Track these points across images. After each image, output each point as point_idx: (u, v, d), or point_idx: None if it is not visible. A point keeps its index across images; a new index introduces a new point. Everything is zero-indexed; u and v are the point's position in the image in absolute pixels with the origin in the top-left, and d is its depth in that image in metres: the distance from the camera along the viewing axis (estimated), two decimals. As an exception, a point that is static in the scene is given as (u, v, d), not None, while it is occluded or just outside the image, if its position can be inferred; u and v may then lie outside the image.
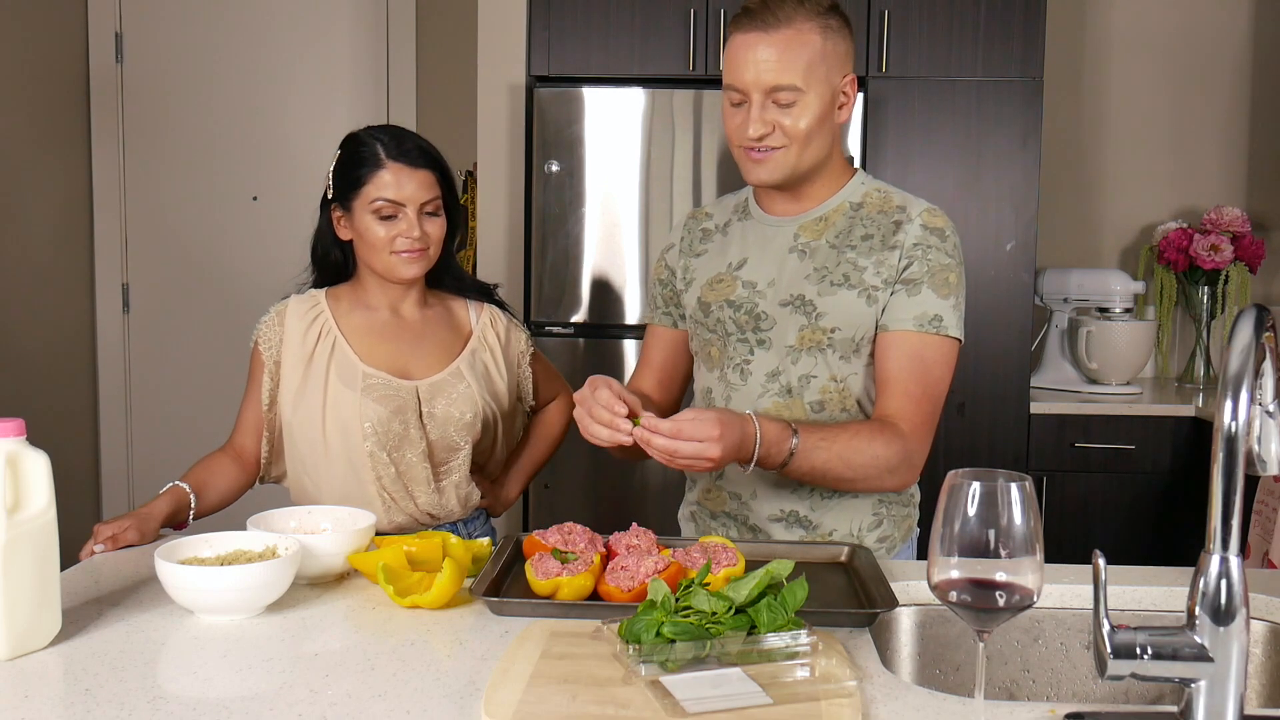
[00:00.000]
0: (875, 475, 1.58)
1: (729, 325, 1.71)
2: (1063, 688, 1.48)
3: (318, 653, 1.24)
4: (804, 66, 1.58)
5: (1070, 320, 3.45)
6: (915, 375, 1.62)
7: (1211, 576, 0.99)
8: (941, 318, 1.62)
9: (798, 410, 1.68)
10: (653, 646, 1.14)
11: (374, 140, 1.81)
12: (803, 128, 1.60)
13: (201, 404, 4.09)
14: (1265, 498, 2.71)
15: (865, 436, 1.56)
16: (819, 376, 1.67)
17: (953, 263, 1.65)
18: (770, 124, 1.60)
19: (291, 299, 1.88)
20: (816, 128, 1.61)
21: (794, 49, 1.57)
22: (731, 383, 1.72)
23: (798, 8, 1.58)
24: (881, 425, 1.59)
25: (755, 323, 1.69)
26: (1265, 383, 1.08)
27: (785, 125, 1.60)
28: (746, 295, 1.70)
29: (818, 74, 1.59)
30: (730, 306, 1.71)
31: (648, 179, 3.09)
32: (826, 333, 1.65)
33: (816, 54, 1.59)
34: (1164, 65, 3.68)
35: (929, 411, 1.62)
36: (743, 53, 1.59)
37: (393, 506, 1.82)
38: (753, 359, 1.70)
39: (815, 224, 1.69)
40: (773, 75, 1.58)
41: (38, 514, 1.23)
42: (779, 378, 1.69)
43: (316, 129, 4.02)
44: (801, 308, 1.66)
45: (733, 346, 1.72)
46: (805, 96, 1.59)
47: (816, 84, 1.59)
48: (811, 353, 1.67)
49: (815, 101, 1.60)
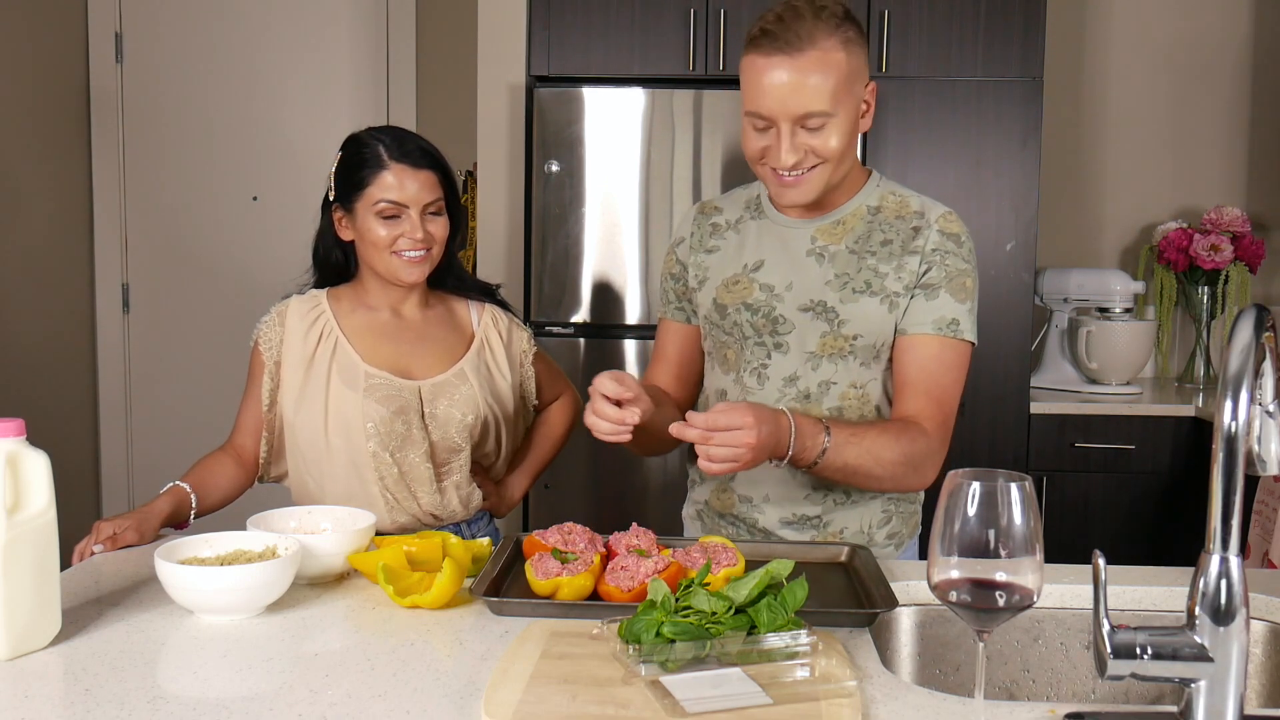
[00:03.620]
0: (902, 473, 1.57)
1: (746, 329, 1.70)
2: (1063, 688, 1.48)
3: (318, 653, 1.24)
4: (831, 90, 1.51)
5: (1070, 320, 3.45)
6: (935, 377, 1.63)
7: (1211, 576, 0.99)
8: (958, 322, 1.64)
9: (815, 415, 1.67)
10: (653, 646, 1.14)
11: (376, 141, 1.81)
12: (834, 146, 1.55)
13: (201, 404, 4.09)
14: (1265, 498, 2.71)
15: (893, 433, 1.56)
16: (839, 383, 1.67)
17: (969, 268, 1.65)
18: (802, 149, 1.55)
19: (292, 299, 1.88)
20: (848, 143, 1.58)
21: (821, 73, 1.51)
22: (748, 386, 1.71)
23: (817, 24, 1.51)
24: (906, 424, 1.59)
25: (773, 326, 1.68)
26: (1265, 383, 1.08)
27: (816, 146, 1.55)
28: (765, 299, 1.68)
29: (844, 93, 1.54)
30: (748, 309, 1.69)
31: (648, 179, 3.09)
32: (849, 340, 1.65)
33: (842, 74, 1.52)
34: (1164, 65, 3.68)
35: (948, 413, 1.63)
36: (765, 77, 1.52)
37: (395, 507, 1.82)
38: (770, 363, 1.69)
39: (833, 227, 1.67)
40: (801, 103, 1.51)
41: (38, 514, 1.23)
42: (797, 382, 1.68)
43: (316, 129, 4.02)
44: (824, 314, 1.65)
45: (750, 350, 1.70)
46: (834, 119, 1.54)
47: (844, 104, 1.54)
48: (833, 359, 1.66)
49: (844, 120, 1.55)
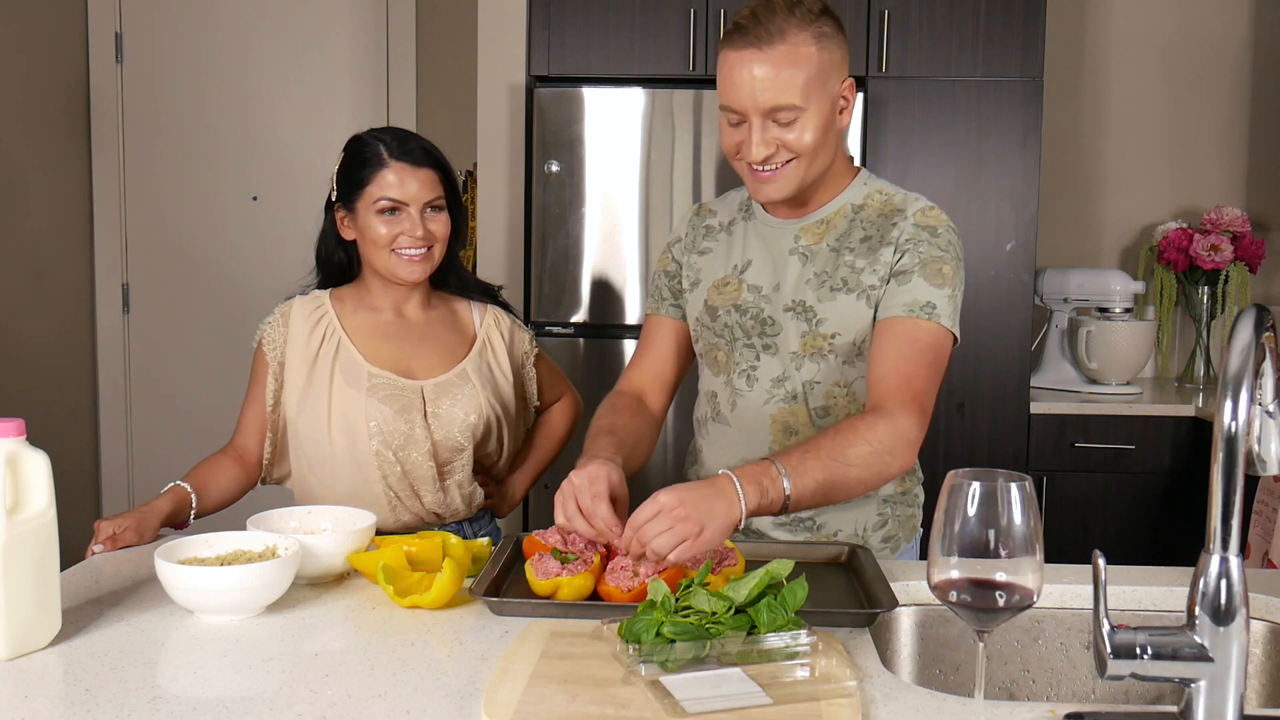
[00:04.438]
0: (877, 462, 1.46)
1: (736, 330, 1.70)
2: (1063, 688, 1.48)
3: (318, 653, 1.24)
4: (802, 84, 1.51)
5: (1070, 320, 3.45)
6: (904, 355, 1.54)
7: (1211, 576, 0.99)
8: (934, 305, 1.57)
9: (803, 416, 1.67)
10: (653, 646, 1.14)
11: (377, 141, 1.82)
12: (808, 141, 1.55)
13: (202, 404, 4.09)
14: (1265, 498, 2.70)
15: (847, 429, 1.47)
16: (823, 382, 1.66)
17: (946, 256, 1.60)
18: (773, 143, 1.55)
19: (295, 300, 1.88)
20: (821, 140, 1.57)
21: (790, 66, 1.51)
22: (738, 388, 1.71)
23: (789, 18, 1.52)
24: (859, 414, 1.54)
25: (761, 328, 1.68)
26: (1265, 383, 1.08)
27: (789, 141, 1.55)
28: (753, 300, 1.69)
29: (816, 88, 1.54)
30: (738, 311, 1.69)
31: (648, 179, 3.09)
32: (828, 339, 1.64)
33: (813, 69, 1.53)
34: (1164, 66, 3.68)
35: (919, 390, 1.52)
36: (737, 72, 1.53)
37: (399, 506, 1.83)
38: (759, 364, 1.69)
39: (816, 227, 1.67)
40: (770, 96, 1.52)
41: (38, 514, 1.23)
42: (785, 384, 1.68)
43: (316, 129, 4.02)
44: (803, 314, 1.65)
45: (739, 352, 1.70)
46: (805, 113, 1.54)
47: (816, 98, 1.54)
48: (814, 359, 1.65)
49: (816, 115, 1.55)
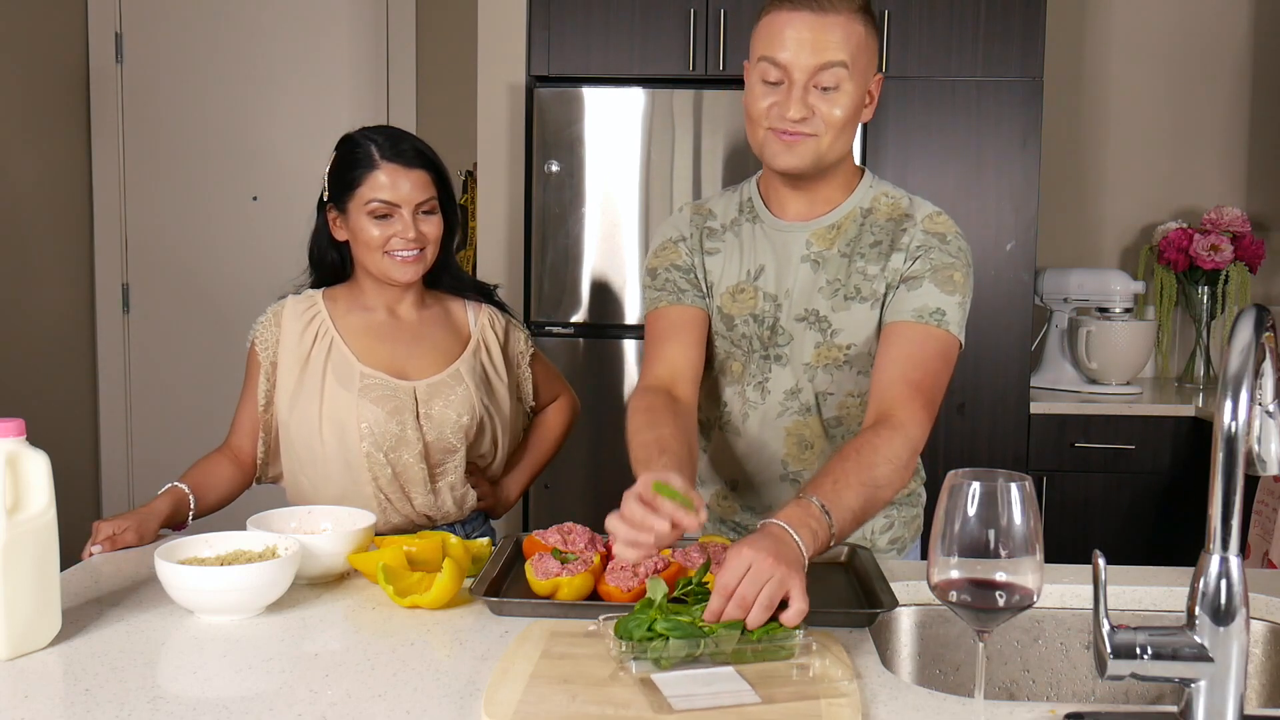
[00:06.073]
0: (899, 479, 1.44)
1: (755, 342, 1.67)
2: (1063, 688, 1.48)
3: (318, 653, 1.24)
4: (853, 49, 1.54)
5: (1070, 320, 3.45)
6: (912, 363, 1.53)
7: (1211, 576, 0.99)
8: (944, 312, 1.57)
9: (816, 427, 1.66)
10: (645, 644, 1.14)
11: (368, 141, 1.80)
12: (839, 115, 1.56)
13: (201, 404, 4.08)
14: (1265, 498, 2.71)
15: (868, 450, 1.43)
16: (836, 393, 1.65)
17: (957, 263, 1.60)
18: (810, 108, 1.56)
19: (288, 299, 1.88)
20: (850, 120, 1.58)
21: (842, 31, 1.54)
22: (750, 400, 1.69)
23: None
24: (872, 431, 1.47)
25: (774, 338, 1.66)
26: (1265, 383, 1.08)
27: (823, 111, 1.56)
28: (769, 309, 1.66)
29: (861, 62, 1.56)
30: (755, 321, 1.67)
31: (648, 179, 3.09)
32: (843, 349, 1.63)
33: (859, 44, 1.56)
34: (1164, 65, 3.68)
35: (926, 399, 1.52)
36: (789, 29, 1.54)
37: (389, 507, 1.82)
38: (771, 376, 1.67)
39: (828, 232, 1.66)
40: (822, 53, 1.53)
41: (38, 514, 1.23)
42: (798, 395, 1.66)
43: (316, 129, 4.02)
44: (816, 324, 1.63)
45: (755, 363, 1.68)
46: (847, 83, 1.55)
47: (858, 72, 1.56)
48: (828, 370, 1.64)
49: (854, 90, 1.56)
